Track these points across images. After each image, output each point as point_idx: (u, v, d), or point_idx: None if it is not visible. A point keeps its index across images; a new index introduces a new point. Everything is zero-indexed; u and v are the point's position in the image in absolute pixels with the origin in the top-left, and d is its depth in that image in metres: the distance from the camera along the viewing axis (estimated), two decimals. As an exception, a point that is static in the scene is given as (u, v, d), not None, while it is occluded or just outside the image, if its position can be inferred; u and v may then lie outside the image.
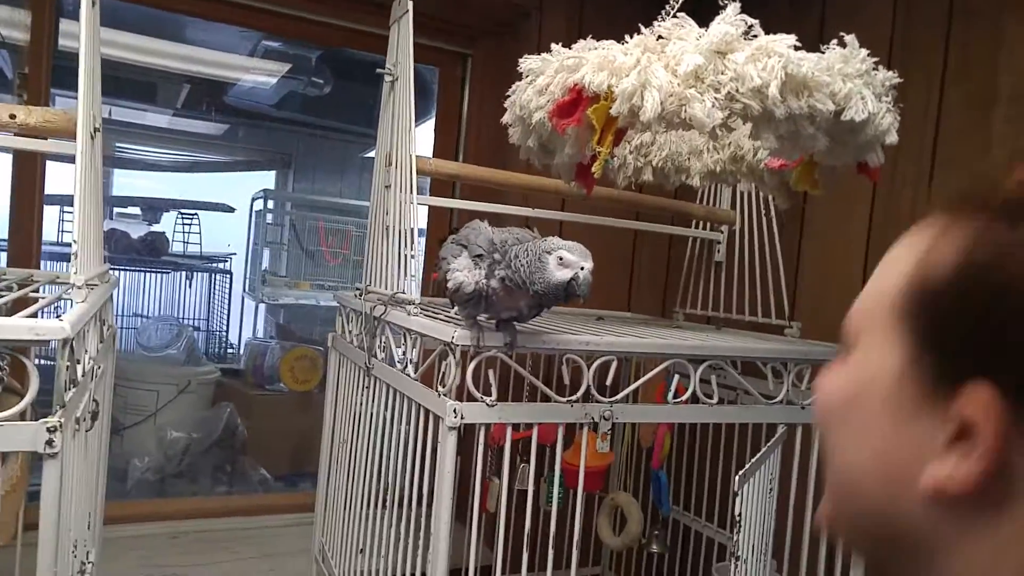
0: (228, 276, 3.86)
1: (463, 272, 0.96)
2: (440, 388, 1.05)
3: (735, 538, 1.02)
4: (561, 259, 0.90)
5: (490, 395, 1.04)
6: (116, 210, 3.75)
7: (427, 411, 1.10)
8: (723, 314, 1.66)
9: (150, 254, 3.53)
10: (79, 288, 0.87)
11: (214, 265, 3.90)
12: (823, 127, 0.89)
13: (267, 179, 4.51)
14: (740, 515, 1.01)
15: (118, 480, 2.18)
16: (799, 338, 1.47)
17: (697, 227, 1.71)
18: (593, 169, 0.97)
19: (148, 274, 3.65)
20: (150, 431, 2.36)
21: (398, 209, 1.28)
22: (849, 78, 0.87)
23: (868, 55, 0.90)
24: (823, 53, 0.89)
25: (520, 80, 1.08)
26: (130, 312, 3.58)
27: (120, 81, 3.31)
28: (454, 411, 1.01)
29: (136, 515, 1.78)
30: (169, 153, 4.22)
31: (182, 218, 3.86)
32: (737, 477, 0.99)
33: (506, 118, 1.13)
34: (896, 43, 1.48)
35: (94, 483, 1.16)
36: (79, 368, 0.88)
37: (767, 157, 1.18)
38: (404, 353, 1.20)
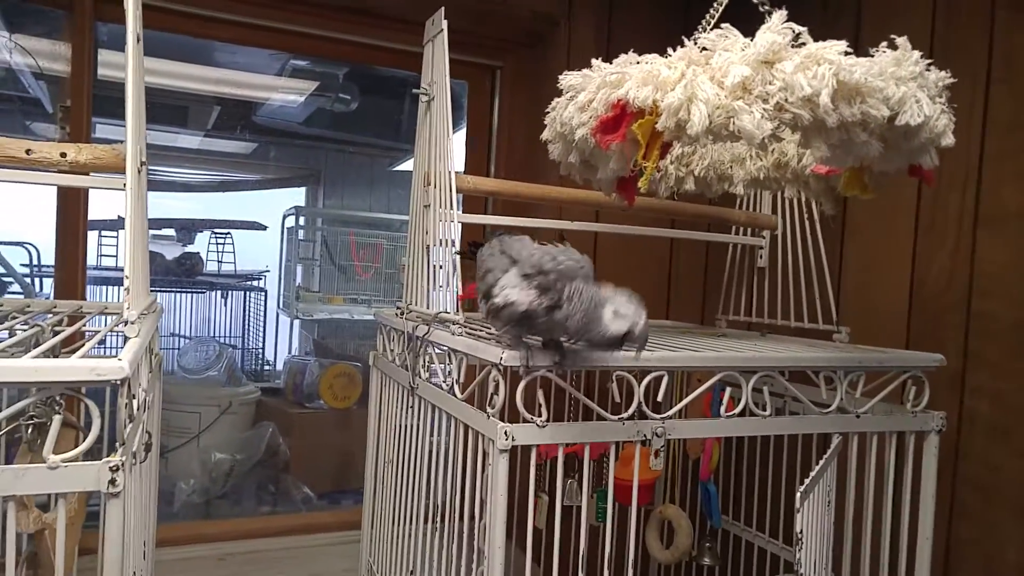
0: (263, 293, 3.90)
1: (516, 290, 0.92)
2: (489, 410, 1.04)
3: (797, 555, 0.99)
4: (616, 312, 0.89)
5: (540, 415, 1.03)
6: (152, 232, 3.81)
7: (476, 432, 1.09)
8: (767, 320, 1.64)
9: (185, 275, 3.58)
10: (132, 323, 0.88)
11: (248, 283, 3.94)
12: (876, 133, 0.87)
13: (298, 196, 4.56)
14: (802, 532, 0.99)
15: (165, 503, 2.20)
16: (848, 343, 1.44)
17: (738, 233, 1.69)
18: (639, 184, 0.96)
19: (184, 295, 3.69)
20: (194, 453, 2.38)
21: (439, 228, 1.28)
22: (903, 81, 0.84)
23: (921, 56, 0.87)
24: (873, 57, 0.87)
25: (554, 92, 1.08)
26: (168, 332, 3.63)
27: (153, 106, 3.36)
28: (505, 433, 1.00)
29: (183, 538, 1.80)
30: (201, 173, 4.28)
31: (215, 237, 3.90)
32: (799, 493, 0.96)
33: (546, 135, 1.12)
34: (937, 42, 1.45)
35: (148, 512, 1.17)
36: (135, 403, 0.88)
37: (813, 163, 1.16)
38: (449, 373, 1.19)
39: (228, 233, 3.96)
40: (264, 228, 4.06)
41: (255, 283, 3.95)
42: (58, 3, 1.74)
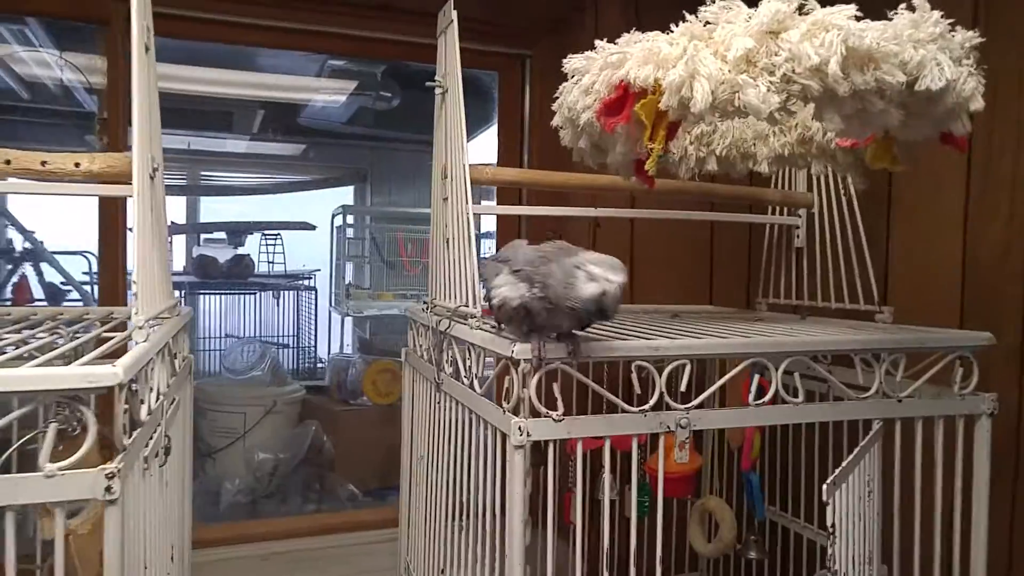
0: (313, 292, 3.97)
1: (506, 287, 0.93)
2: (504, 404, 1.02)
3: (830, 550, 0.94)
4: (589, 274, 0.87)
5: (556, 409, 1.00)
6: (203, 236, 3.92)
7: (494, 428, 1.07)
8: (808, 302, 1.57)
9: (237, 277, 3.67)
10: (139, 328, 0.89)
11: (299, 283, 4.01)
12: (895, 100, 0.81)
13: (345, 195, 4.62)
14: (834, 525, 0.94)
15: (211, 503, 2.26)
16: (892, 324, 1.36)
17: (773, 213, 1.62)
18: (646, 167, 0.92)
19: (237, 296, 3.79)
20: (239, 453, 2.43)
21: (456, 221, 1.26)
22: (921, 44, 0.78)
23: (942, 16, 0.81)
24: (889, 20, 0.81)
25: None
26: (222, 334, 3.72)
27: (200, 113, 3.45)
28: (519, 428, 0.98)
29: (228, 538, 1.83)
30: (250, 177, 4.37)
31: (265, 239, 3.99)
32: (826, 485, 0.91)
33: (556, 121, 1.09)
34: (982, 1, 1.36)
35: (177, 515, 1.19)
36: (143, 408, 0.89)
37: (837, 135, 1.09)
38: (470, 368, 1.18)
39: (278, 234, 4.04)
40: (313, 228, 4.12)
41: (305, 282, 4.01)
42: (92, 18, 1.79)
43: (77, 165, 1.07)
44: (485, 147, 2.96)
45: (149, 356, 0.90)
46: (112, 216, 1.78)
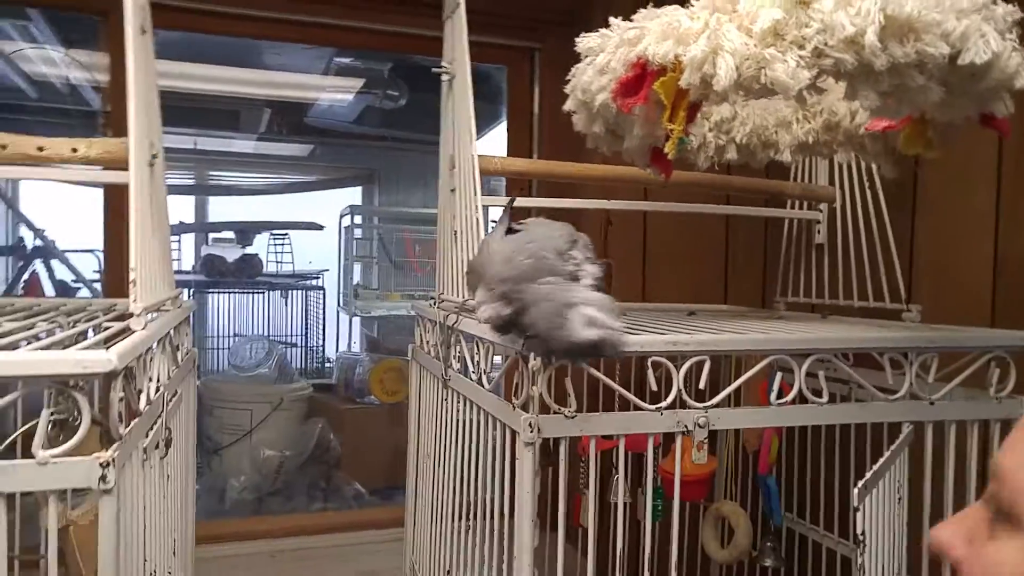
0: (321, 292, 3.94)
1: (485, 306, 0.85)
2: (514, 400, 0.98)
3: (859, 560, 0.89)
4: (589, 318, 0.76)
5: (569, 406, 0.95)
6: (212, 236, 3.90)
7: (503, 425, 1.02)
8: (828, 301, 1.51)
9: (246, 276, 3.64)
10: (137, 316, 0.85)
11: (307, 282, 3.99)
12: (936, 76, 0.76)
13: (354, 195, 4.59)
14: (863, 533, 0.88)
15: (217, 500, 2.23)
16: (920, 323, 1.31)
17: (793, 207, 1.57)
18: (666, 150, 0.87)
19: (246, 295, 3.76)
20: (245, 450, 2.40)
21: (464, 213, 1.22)
22: (964, 14, 0.73)
23: (989, -14, 0.76)
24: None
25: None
26: (231, 333, 3.70)
27: (207, 112, 3.43)
28: (530, 425, 0.93)
29: (233, 534, 1.80)
30: (257, 177, 4.35)
31: (274, 239, 3.96)
32: (856, 490, 0.86)
33: (568, 105, 1.04)
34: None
35: (179, 508, 1.15)
36: (142, 397, 0.85)
37: (868, 120, 1.04)
38: (478, 363, 1.13)
39: (286, 234, 4.01)
40: (321, 228, 4.10)
41: (313, 282, 3.99)
42: (92, 9, 1.76)
43: (74, 151, 1.03)
44: (494, 145, 2.92)
45: (147, 345, 0.86)
46: (117, 209, 1.75)
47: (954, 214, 1.44)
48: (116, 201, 1.76)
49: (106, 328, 0.93)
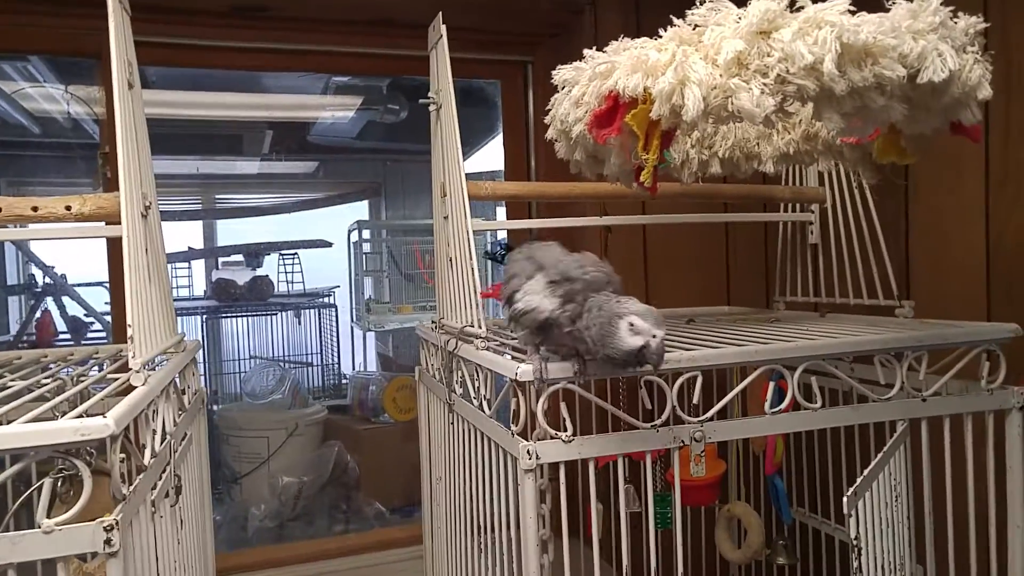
0: (333, 309, 3.97)
1: (539, 296, 0.90)
2: (513, 427, 1.00)
3: (855, 563, 0.90)
4: (632, 325, 0.84)
5: (565, 430, 0.97)
6: (221, 260, 3.94)
7: (503, 450, 1.05)
8: (826, 299, 1.52)
9: (257, 298, 3.68)
10: (136, 372, 0.88)
11: (319, 300, 4.01)
12: (897, 95, 0.77)
13: (360, 209, 4.61)
14: (858, 536, 0.90)
15: (239, 529, 2.25)
16: (913, 318, 1.32)
17: (786, 210, 1.58)
18: (642, 178, 0.89)
19: (259, 317, 3.80)
20: (264, 478, 2.43)
21: (458, 240, 1.24)
22: (920, 35, 0.75)
23: (942, 4, 0.77)
24: (887, 12, 0.77)
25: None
26: (247, 356, 3.74)
27: (210, 137, 3.47)
28: (528, 452, 0.95)
29: (256, 563, 1.83)
30: (264, 197, 4.39)
31: (283, 259, 3.99)
32: (846, 498, 0.87)
33: (549, 133, 1.06)
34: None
35: (195, 548, 1.18)
36: (147, 452, 0.88)
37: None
38: (479, 388, 1.16)
39: (295, 253, 4.04)
40: (329, 245, 4.12)
41: (325, 300, 4.02)
42: (87, 53, 1.80)
43: (68, 208, 1.06)
44: (494, 157, 2.93)
45: (149, 399, 0.89)
46: (118, 251, 1.78)
47: (945, 208, 1.45)
48: (117, 244, 1.80)
49: (110, 380, 0.95)
